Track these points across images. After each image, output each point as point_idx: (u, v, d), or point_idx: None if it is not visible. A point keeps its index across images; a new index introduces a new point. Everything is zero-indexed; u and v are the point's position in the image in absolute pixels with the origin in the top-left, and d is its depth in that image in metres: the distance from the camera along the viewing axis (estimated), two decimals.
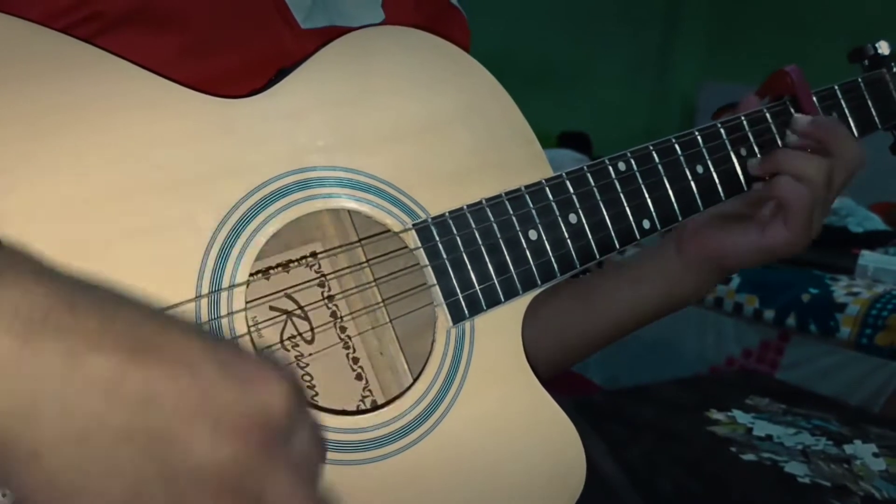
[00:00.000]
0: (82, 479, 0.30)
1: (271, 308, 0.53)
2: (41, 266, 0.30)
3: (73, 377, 0.29)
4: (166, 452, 0.30)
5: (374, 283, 0.55)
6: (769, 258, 0.66)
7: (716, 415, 1.30)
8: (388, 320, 0.56)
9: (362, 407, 0.56)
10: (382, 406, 0.50)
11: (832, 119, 0.67)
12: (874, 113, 0.74)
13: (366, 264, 0.55)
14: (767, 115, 0.68)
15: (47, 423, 0.29)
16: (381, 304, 0.55)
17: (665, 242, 0.70)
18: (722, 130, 0.65)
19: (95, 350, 0.29)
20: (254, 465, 0.32)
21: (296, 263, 0.55)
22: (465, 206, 0.53)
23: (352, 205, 0.50)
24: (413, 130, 0.53)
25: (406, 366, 0.56)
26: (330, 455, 0.47)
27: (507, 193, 0.54)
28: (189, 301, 0.44)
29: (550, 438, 0.55)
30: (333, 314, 0.56)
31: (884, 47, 0.76)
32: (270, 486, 0.32)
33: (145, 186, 0.43)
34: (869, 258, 2.15)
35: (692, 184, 0.63)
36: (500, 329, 0.54)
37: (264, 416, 0.32)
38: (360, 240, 0.55)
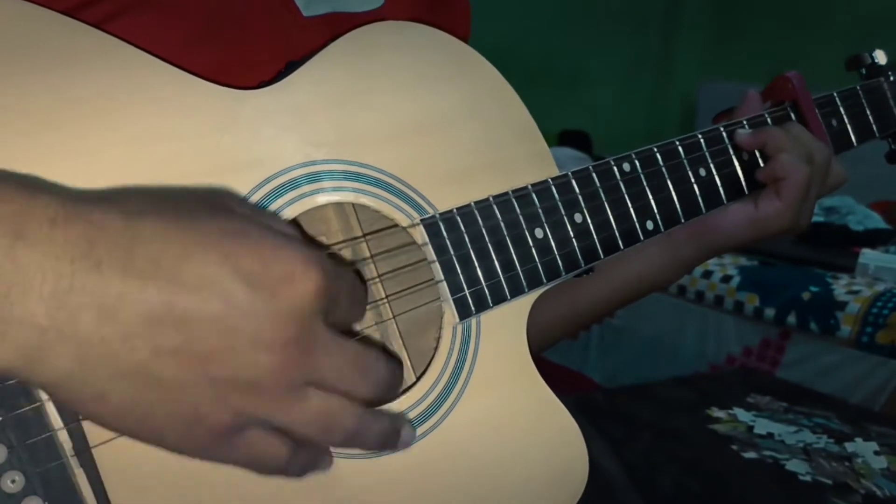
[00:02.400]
0: (145, 406, 0.33)
1: None
2: (53, 205, 0.31)
3: (110, 328, 0.31)
4: (216, 375, 0.33)
5: (377, 279, 0.55)
6: (759, 233, 0.67)
7: (716, 413, 1.30)
8: (391, 316, 0.56)
9: None
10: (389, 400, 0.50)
11: (772, 127, 0.67)
12: (872, 121, 0.74)
13: (370, 260, 0.55)
14: (768, 120, 0.69)
15: (100, 370, 0.32)
16: (385, 300, 0.55)
17: None
18: (724, 134, 0.66)
19: (126, 296, 0.31)
20: (296, 362, 0.34)
21: None
22: (472, 203, 0.53)
23: (360, 199, 0.50)
24: (420, 127, 0.53)
25: (409, 362, 0.56)
26: (336, 448, 0.47)
27: (514, 191, 0.55)
28: None
29: (554, 436, 0.55)
30: None
31: (881, 56, 0.77)
32: (315, 370, 0.35)
33: (154, 179, 0.43)
34: (869, 256, 2.15)
35: (695, 186, 0.63)
36: (506, 326, 0.55)
37: (298, 315, 0.33)
38: (364, 235, 0.55)
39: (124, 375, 0.32)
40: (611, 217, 0.59)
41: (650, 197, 0.61)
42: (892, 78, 0.76)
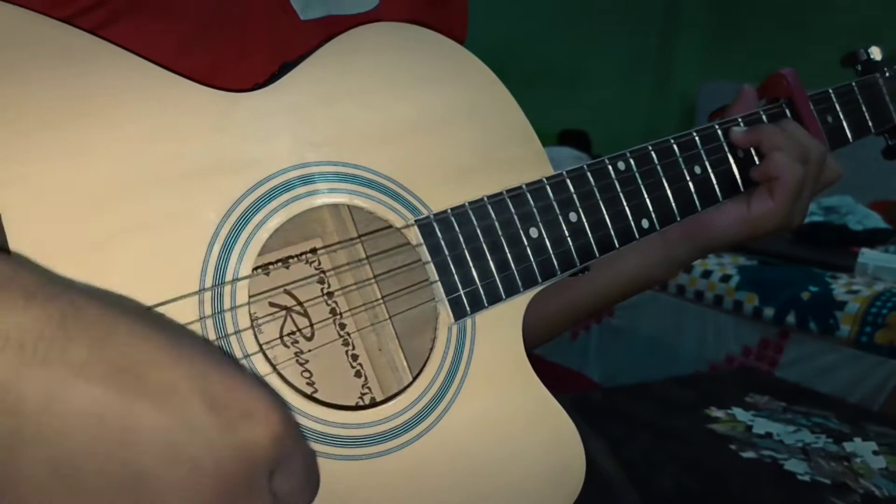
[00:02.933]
0: None
1: (271, 304, 0.53)
2: (34, 282, 0.30)
3: (56, 413, 0.29)
4: (144, 492, 0.30)
5: (373, 280, 0.55)
6: (751, 232, 0.67)
7: (715, 412, 1.31)
8: (387, 317, 0.56)
9: (361, 403, 0.56)
10: (385, 402, 0.50)
11: (767, 125, 0.67)
12: (867, 117, 0.74)
13: (365, 261, 0.55)
14: (763, 117, 0.68)
15: (28, 452, 0.29)
16: (381, 301, 0.55)
17: None
18: (720, 132, 0.66)
19: (81, 385, 0.29)
20: None
21: (295, 259, 0.55)
22: (466, 203, 0.53)
23: (354, 200, 0.50)
24: (415, 127, 0.53)
25: (405, 363, 0.56)
26: (333, 450, 0.48)
27: (508, 191, 0.55)
28: (192, 294, 0.44)
29: (550, 436, 0.55)
30: (333, 311, 0.56)
31: (876, 53, 0.77)
32: None
33: (149, 181, 0.43)
34: (869, 256, 2.15)
35: (690, 184, 0.63)
36: (501, 326, 0.55)
37: (247, 455, 0.31)
38: (359, 236, 0.55)
39: (50, 469, 0.29)
40: (606, 216, 0.59)
41: (645, 195, 0.61)
42: (887, 74, 0.76)
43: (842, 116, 0.73)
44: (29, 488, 0.30)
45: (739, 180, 0.66)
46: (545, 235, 0.56)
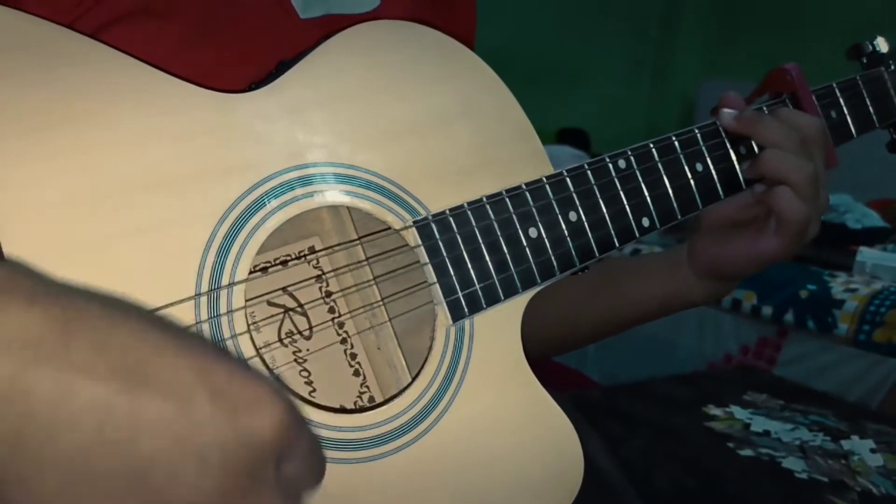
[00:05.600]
0: (68, 499, 0.30)
1: (269, 304, 0.53)
2: (35, 286, 0.30)
3: (62, 408, 0.29)
4: (151, 484, 0.31)
5: (373, 282, 0.55)
6: (762, 265, 0.66)
7: (713, 411, 1.30)
8: (386, 318, 0.56)
9: (360, 403, 0.56)
10: (382, 404, 0.50)
11: (755, 112, 0.65)
12: (872, 111, 0.73)
13: (365, 262, 0.55)
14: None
15: (34, 450, 0.29)
16: (380, 303, 0.55)
17: (680, 246, 0.71)
18: (721, 128, 0.65)
19: (86, 380, 0.29)
20: (239, 497, 0.32)
21: (294, 260, 0.55)
22: (465, 204, 0.53)
23: (353, 201, 0.50)
24: (414, 127, 0.53)
25: (404, 362, 0.56)
26: (330, 454, 0.47)
27: (507, 191, 0.54)
28: (188, 299, 0.44)
29: (549, 437, 0.55)
30: (332, 311, 0.56)
31: (882, 45, 0.76)
32: None
33: (144, 183, 0.43)
34: (867, 255, 2.15)
35: (691, 182, 0.63)
36: (500, 327, 0.54)
37: (253, 446, 0.32)
38: (359, 238, 0.55)
39: (58, 462, 0.30)
40: (606, 215, 0.58)
41: (646, 193, 0.60)
42: (892, 67, 0.75)
43: (846, 111, 0.72)
44: (39, 487, 0.30)
45: (741, 178, 0.66)
46: (545, 235, 0.56)
